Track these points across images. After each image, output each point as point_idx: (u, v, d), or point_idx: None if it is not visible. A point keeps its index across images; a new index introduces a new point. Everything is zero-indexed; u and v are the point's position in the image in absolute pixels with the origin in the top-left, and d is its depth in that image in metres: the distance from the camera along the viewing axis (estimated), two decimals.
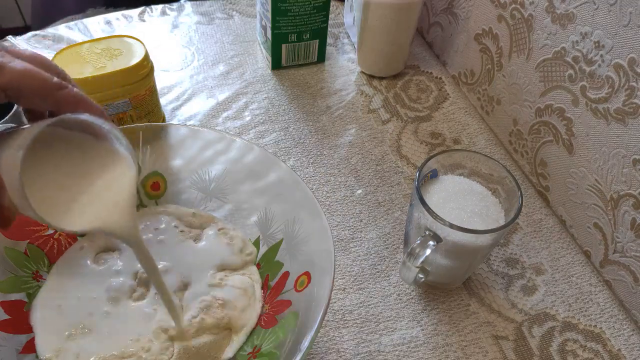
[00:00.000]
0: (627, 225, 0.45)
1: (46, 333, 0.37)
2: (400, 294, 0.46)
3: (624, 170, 0.45)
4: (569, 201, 0.52)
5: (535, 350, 0.43)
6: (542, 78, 0.52)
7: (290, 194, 0.41)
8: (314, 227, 0.39)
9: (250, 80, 0.65)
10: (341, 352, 0.42)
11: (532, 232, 0.51)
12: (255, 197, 0.44)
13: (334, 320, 0.44)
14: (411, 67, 0.68)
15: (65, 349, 0.37)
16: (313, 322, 0.33)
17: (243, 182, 0.44)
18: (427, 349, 0.43)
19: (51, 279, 0.41)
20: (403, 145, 0.59)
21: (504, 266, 0.49)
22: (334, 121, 0.61)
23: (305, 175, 0.55)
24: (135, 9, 0.74)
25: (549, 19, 0.50)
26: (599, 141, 0.47)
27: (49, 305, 0.39)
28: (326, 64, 0.68)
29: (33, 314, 0.38)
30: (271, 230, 0.43)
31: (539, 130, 0.54)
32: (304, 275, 0.38)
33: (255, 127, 0.60)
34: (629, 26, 0.42)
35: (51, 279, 0.41)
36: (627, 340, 0.44)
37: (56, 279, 0.41)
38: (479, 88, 0.63)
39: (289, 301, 0.38)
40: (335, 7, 0.76)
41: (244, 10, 0.75)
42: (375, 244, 0.50)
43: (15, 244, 0.40)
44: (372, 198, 0.53)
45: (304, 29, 0.63)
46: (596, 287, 0.48)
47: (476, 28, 0.61)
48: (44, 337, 0.37)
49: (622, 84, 0.43)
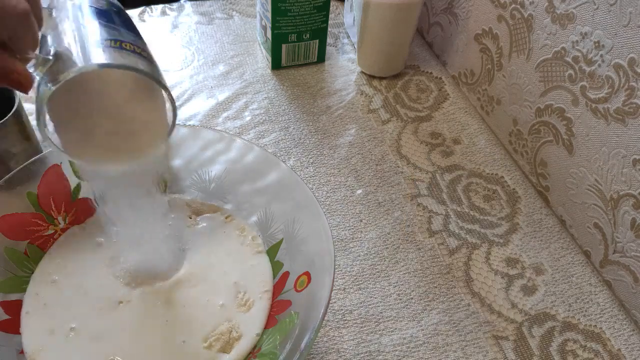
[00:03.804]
0: (627, 225, 0.45)
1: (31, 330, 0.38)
2: (400, 294, 0.46)
3: (624, 170, 0.45)
4: (569, 201, 0.52)
5: (535, 350, 0.43)
6: (542, 78, 0.52)
7: (290, 194, 0.41)
8: (314, 227, 0.39)
9: (250, 80, 0.65)
10: (341, 352, 0.42)
11: (532, 232, 0.51)
12: (255, 197, 0.44)
13: (334, 320, 0.44)
14: (411, 67, 0.68)
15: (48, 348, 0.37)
16: (313, 322, 0.33)
17: (243, 182, 0.44)
18: (427, 349, 0.43)
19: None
20: (403, 145, 0.59)
21: (504, 266, 0.49)
22: (334, 121, 0.61)
23: (305, 175, 0.55)
24: (135, 9, 0.74)
25: (549, 19, 0.50)
26: (599, 141, 0.47)
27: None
28: (326, 64, 0.68)
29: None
30: (271, 230, 0.43)
31: (539, 130, 0.54)
32: (304, 275, 0.38)
33: (255, 127, 0.60)
34: (629, 26, 0.42)
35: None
36: (627, 340, 0.44)
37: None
38: (479, 88, 0.63)
39: (289, 301, 0.38)
40: (335, 7, 0.76)
41: (244, 10, 0.75)
42: (375, 244, 0.50)
43: (15, 244, 0.40)
44: (372, 198, 0.53)
45: (304, 29, 0.63)
46: (596, 287, 0.48)
47: (476, 28, 0.61)
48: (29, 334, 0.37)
49: (622, 84, 0.44)
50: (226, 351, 0.37)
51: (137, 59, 0.29)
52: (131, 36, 0.30)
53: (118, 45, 0.28)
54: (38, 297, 0.39)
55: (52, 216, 0.43)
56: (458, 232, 0.51)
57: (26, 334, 0.37)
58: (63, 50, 0.28)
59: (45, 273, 0.41)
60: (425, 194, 0.54)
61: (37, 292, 0.40)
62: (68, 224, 0.43)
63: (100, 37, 0.29)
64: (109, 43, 0.28)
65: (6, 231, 0.40)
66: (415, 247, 0.49)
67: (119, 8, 0.33)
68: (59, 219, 0.43)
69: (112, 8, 0.32)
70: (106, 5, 0.32)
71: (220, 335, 0.38)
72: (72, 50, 0.28)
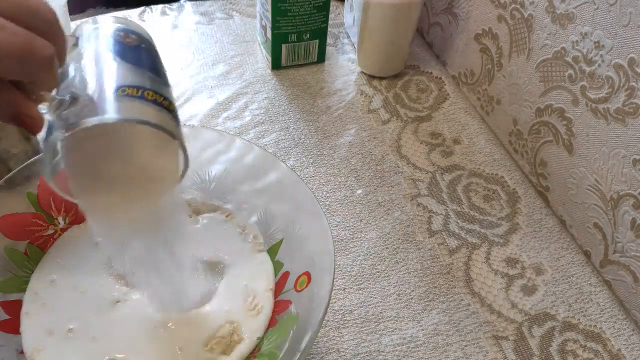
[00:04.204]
0: (627, 225, 0.45)
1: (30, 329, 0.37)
2: (400, 294, 0.46)
3: (624, 170, 0.45)
4: (569, 201, 0.52)
5: (535, 350, 0.43)
6: (542, 78, 0.52)
7: (290, 194, 0.41)
8: (314, 227, 0.39)
9: (250, 80, 0.65)
10: (341, 352, 0.42)
11: (532, 232, 0.51)
12: (255, 197, 0.44)
13: (334, 320, 0.44)
14: (411, 67, 0.68)
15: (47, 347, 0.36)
16: (313, 322, 0.33)
17: (243, 182, 0.44)
18: (427, 349, 0.43)
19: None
20: (403, 145, 0.59)
21: (504, 266, 0.49)
22: (334, 121, 0.61)
23: (305, 175, 0.55)
24: (135, 9, 0.74)
25: (549, 19, 0.50)
26: (599, 141, 0.47)
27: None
28: (326, 64, 0.68)
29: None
30: (271, 230, 0.43)
31: (539, 130, 0.54)
32: (304, 275, 0.38)
33: (255, 127, 0.60)
34: (629, 26, 0.42)
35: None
36: (627, 340, 0.44)
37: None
38: (479, 88, 0.63)
39: (289, 301, 0.38)
40: (335, 7, 0.76)
41: (244, 10, 0.75)
42: (375, 244, 0.50)
43: (15, 244, 0.40)
44: (372, 198, 0.53)
45: (304, 29, 0.63)
46: (596, 287, 0.48)
47: (476, 28, 0.61)
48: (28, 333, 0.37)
49: (622, 84, 0.44)
50: (226, 353, 0.37)
51: (156, 110, 0.28)
52: (156, 80, 0.29)
53: (139, 94, 0.27)
54: (37, 297, 0.39)
55: (52, 216, 0.43)
56: (458, 232, 0.51)
57: (25, 334, 0.37)
58: (80, 94, 0.27)
59: (45, 273, 0.41)
60: (425, 194, 0.54)
61: (37, 292, 0.40)
62: (68, 224, 0.43)
63: (120, 82, 0.27)
64: (130, 91, 0.27)
65: (6, 231, 0.40)
66: (415, 247, 0.49)
67: (148, 44, 0.31)
68: (59, 219, 0.43)
69: (142, 45, 0.30)
70: (135, 41, 0.30)
71: (221, 339, 0.38)
72: (89, 93, 0.27)
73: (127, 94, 0.27)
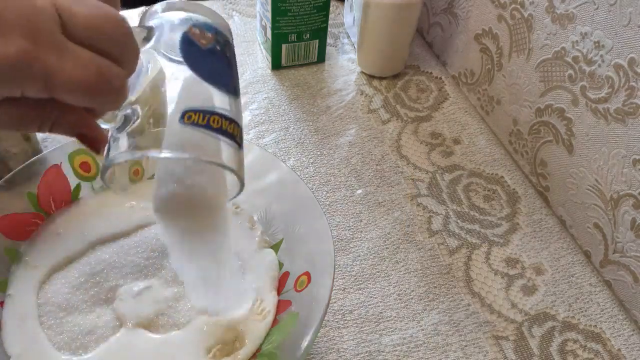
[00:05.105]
0: (627, 225, 0.45)
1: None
2: (400, 294, 0.46)
3: (624, 170, 0.45)
4: (569, 201, 0.52)
5: (535, 350, 0.43)
6: (542, 78, 0.52)
7: (290, 194, 0.41)
8: (314, 227, 0.39)
9: (250, 80, 0.65)
10: (341, 352, 0.42)
11: (532, 232, 0.51)
12: (255, 197, 0.44)
13: (334, 320, 0.44)
14: (411, 67, 0.68)
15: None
16: (313, 322, 0.33)
17: None
18: (427, 349, 0.43)
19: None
20: (403, 145, 0.59)
21: (504, 266, 0.49)
22: (334, 121, 0.61)
23: (305, 175, 0.55)
24: (135, 9, 0.74)
25: (549, 19, 0.50)
26: (599, 141, 0.47)
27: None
28: (326, 64, 0.68)
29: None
30: (271, 230, 0.43)
31: (539, 130, 0.54)
32: (304, 275, 0.38)
33: (255, 127, 0.60)
34: (629, 26, 0.42)
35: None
36: (627, 340, 0.44)
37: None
38: (479, 88, 0.63)
39: (289, 301, 0.38)
40: (335, 7, 0.76)
41: (244, 10, 0.75)
42: (375, 244, 0.50)
43: (15, 244, 0.40)
44: (372, 198, 0.53)
45: (304, 29, 0.63)
46: (596, 287, 0.48)
47: (476, 28, 0.61)
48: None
49: (622, 84, 0.44)
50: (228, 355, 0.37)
51: (218, 141, 0.26)
52: (224, 97, 0.27)
53: (205, 122, 0.25)
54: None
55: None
56: (458, 232, 0.51)
57: (8, 338, 0.37)
58: (141, 119, 0.26)
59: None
60: (425, 194, 0.54)
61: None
62: None
63: (186, 105, 0.25)
64: (195, 117, 0.25)
65: (6, 231, 0.40)
66: (415, 247, 0.49)
67: (224, 42, 0.28)
68: None
69: (217, 46, 0.27)
70: (210, 41, 0.27)
71: (224, 346, 0.37)
72: (154, 111, 0.26)
73: (192, 122, 0.25)
